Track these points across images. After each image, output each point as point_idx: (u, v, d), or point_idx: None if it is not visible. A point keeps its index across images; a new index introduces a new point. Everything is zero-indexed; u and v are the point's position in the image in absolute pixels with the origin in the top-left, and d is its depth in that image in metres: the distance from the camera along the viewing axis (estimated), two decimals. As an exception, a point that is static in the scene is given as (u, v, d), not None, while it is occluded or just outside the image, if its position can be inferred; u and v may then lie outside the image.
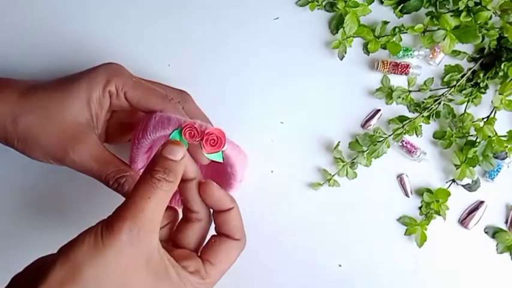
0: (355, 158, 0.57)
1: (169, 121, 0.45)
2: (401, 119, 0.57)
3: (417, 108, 0.57)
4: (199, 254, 0.43)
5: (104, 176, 0.46)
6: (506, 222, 0.57)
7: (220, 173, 0.54)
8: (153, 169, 0.38)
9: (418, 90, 0.57)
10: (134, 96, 0.47)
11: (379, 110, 0.59)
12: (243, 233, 0.44)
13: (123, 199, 0.39)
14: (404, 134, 0.56)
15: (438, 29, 0.54)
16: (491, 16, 0.53)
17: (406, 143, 0.57)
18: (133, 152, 0.49)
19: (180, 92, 0.52)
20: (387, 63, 0.58)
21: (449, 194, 0.56)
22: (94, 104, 0.46)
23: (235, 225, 0.44)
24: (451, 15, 0.53)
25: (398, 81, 0.58)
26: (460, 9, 0.53)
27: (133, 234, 0.35)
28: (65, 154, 0.46)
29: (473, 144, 0.55)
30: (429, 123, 0.57)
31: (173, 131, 0.44)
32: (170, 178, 0.38)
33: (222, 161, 0.46)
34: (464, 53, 0.57)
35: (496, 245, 0.57)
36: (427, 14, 0.56)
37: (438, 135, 0.57)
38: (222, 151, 0.45)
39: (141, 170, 0.51)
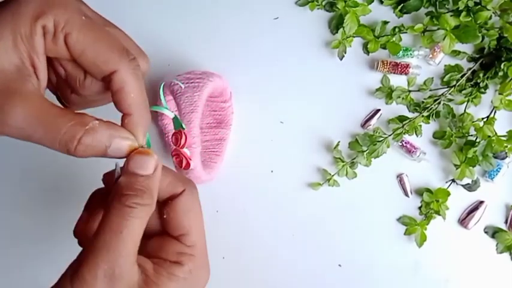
0: (355, 158, 0.58)
1: None
2: (401, 118, 0.57)
3: (417, 108, 0.57)
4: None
5: (57, 138, 0.31)
6: (506, 222, 0.57)
7: None
8: (123, 193, 0.31)
9: (418, 90, 0.57)
10: (79, 43, 0.32)
11: (379, 110, 0.59)
12: (183, 181, 0.36)
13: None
14: (404, 133, 0.56)
15: (438, 29, 0.54)
16: (491, 16, 0.53)
17: (406, 143, 0.57)
18: None
19: (143, 54, 0.38)
20: (387, 63, 0.58)
21: (449, 194, 0.56)
22: (24, 43, 0.32)
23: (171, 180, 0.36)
24: (451, 15, 0.53)
25: (398, 81, 0.58)
26: (460, 9, 0.53)
27: (109, 278, 0.30)
28: None
29: (473, 144, 0.55)
30: (429, 123, 0.57)
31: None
32: (145, 200, 0.31)
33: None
34: (464, 53, 0.57)
35: (496, 245, 0.57)
36: (427, 14, 0.56)
37: (438, 135, 0.57)
38: None
39: None
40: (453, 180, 0.57)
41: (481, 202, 0.57)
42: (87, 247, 0.31)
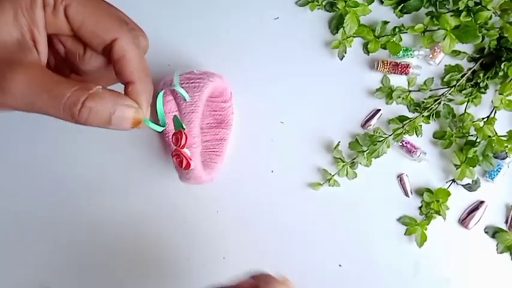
0: (355, 158, 0.57)
1: None
2: (401, 119, 0.57)
3: (417, 108, 0.57)
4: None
5: (62, 103, 0.30)
6: (506, 222, 0.57)
7: None
8: None
9: (418, 90, 0.57)
10: (79, 14, 0.32)
11: (379, 110, 0.59)
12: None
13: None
14: (404, 134, 0.56)
15: (438, 29, 0.54)
16: (491, 16, 0.53)
17: (406, 143, 0.57)
18: None
19: (141, 30, 0.37)
20: (387, 63, 0.58)
21: (449, 194, 0.56)
22: (24, 16, 0.32)
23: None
24: (451, 15, 0.53)
25: (398, 81, 0.58)
26: (460, 9, 0.53)
27: None
28: None
29: (473, 144, 0.55)
30: (429, 123, 0.57)
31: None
32: None
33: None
34: (464, 53, 0.57)
35: (496, 245, 0.57)
36: (427, 14, 0.56)
37: (438, 135, 0.57)
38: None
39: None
40: (453, 180, 0.57)
41: (481, 202, 0.57)
42: None
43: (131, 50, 0.33)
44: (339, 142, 0.58)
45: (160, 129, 0.34)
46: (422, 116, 0.57)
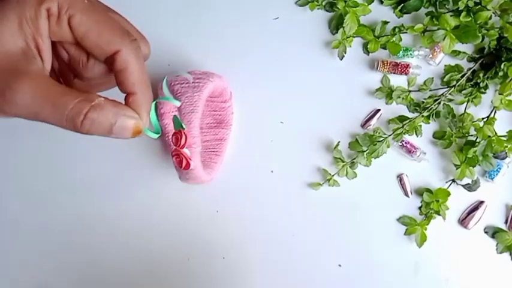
0: (355, 158, 0.57)
1: None
2: (401, 119, 0.57)
3: (417, 108, 0.57)
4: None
5: (64, 114, 0.32)
6: (506, 222, 0.57)
7: None
8: None
9: (418, 90, 0.57)
10: (82, 24, 0.33)
11: (379, 110, 0.59)
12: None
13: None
14: (404, 134, 0.56)
15: (438, 29, 0.54)
16: (491, 16, 0.53)
17: (406, 143, 0.57)
18: None
19: (144, 38, 0.38)
20: (387, 63, 0.58)
21: (449, 194, 0.56)
22: (29, 25, 0.33)
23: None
24: (451, 15, 0.53)
25: (398, 81, 0.58)
26: (460, 9, 0.53)
27: None
28: (1, 98, 0.32)
29: (473, 144, 0.55)
30: (429, 123, 0.57)
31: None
32: None
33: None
34: (464, 53, 0.57)
35: (496, 245, 0.57)
36: (427, 14, 0.56)
37: (438, 135, 0.57)
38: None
39: None
40: (453, 180, 0.57)
41: (481, 202, 0.57)
42: None
43: (133, 62, 0.33)
44: (339, 142, 0.58)
45: (155, 136, 0.35)
46: (422, 116, 0.57)
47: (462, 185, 0.57)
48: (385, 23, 0.58)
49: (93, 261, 0.61)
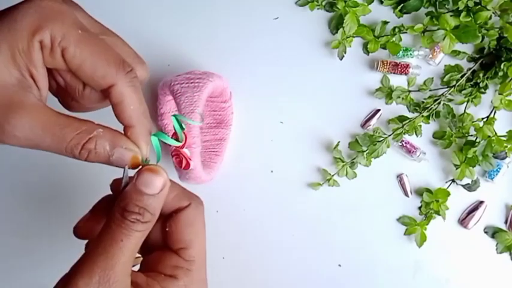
0: (354, 158, 0.58)
1: None
2: (401, 119, 0.57)
3: (417, 108, 0.57)
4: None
5: (64, 146, 0.32)
6: (505, 222, 0.57)
7: None
8: (125, 209, 0.32)
9: (418, 90, 0.57)
10: (76, 57, 0.32)
11: (378, 110, 0.59)
12: (189, 196, 0.37)
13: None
14: (404, 134, 0.56)
15: (438, 29, 0.54)
16: (491, 16, 0.53)
17: (405, 143, 0.57)
18: None
19: (141, 61, 0.37)
20: (387, 63, 0.58)
21: (449, 194, 0.56)
22: (22, 57, 0.32)
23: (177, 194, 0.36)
24: (451, 15, 0.53)
25: (398, 81, 0.58)
26: (459, 9, 0.53)
27: (103, 286, 0.30)
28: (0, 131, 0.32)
29: (473, 144, 0.55)
30: (429, 123, 0.57)
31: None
32: (146, 218, 0.32)
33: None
34: (464, 53, 0.57)
35: (496, 245, 0.57)
36: (426, 14, 0.56)
37: (438, 135, 0.57)
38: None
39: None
40: (453, 180, 0.57)
41: (481, 202, 0.57)
42: (85, 252, 0.31)
43: (129, 95, 0.33)
44: (339, 142, 0.58)
45: (154, 163, 0.35)
46: (422, 116, 0.57)
47: (462, 185, 0.57)
48: (385, 23, 0.58)
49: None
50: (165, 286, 0.34)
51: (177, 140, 0.37)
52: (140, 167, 0.33)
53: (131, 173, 0.34)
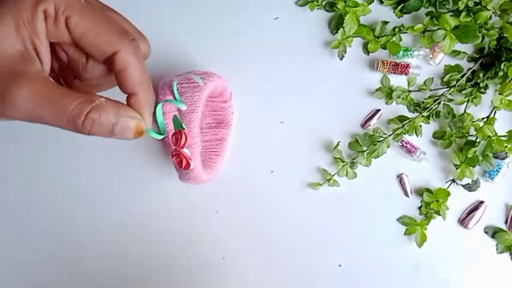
0: (355, 158, 0.58)
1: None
2: (401, 119, 0.57)
3: (417, 108, 0.57)
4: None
5: (66, 115, 0.31)
6: (506, 222, 0.57)
7: None
8: None
9: (418, 90, 0.57)
10: (80, 25, 0.33)
11: (379, 110, 0.59)
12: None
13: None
14: (404, 134, 0.56)
15: (438, 29, 0.54)
16: (491, 16, 0.53)
17: (406, 143, 0.57)
18: None
19: (143, 37, 0.38)
20: (387, 63, 0.58)
21: (449, 194, 0.56)
22: (26, 27, 0.32)
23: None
24: (451, 15, 0.53)
25: (398, 81, 0.58)
26: (460, 9, 0.53)
27: None
28: (1, 102, 0.32)
29: (473, 144, 0.55)
30: (429, 123, 0.57)
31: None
32: None
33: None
34: (464, 53, 0.57)
35: (496, 245, 0.57)
36: (427, 14, 0.56)
37: (438, 135, 0.57)
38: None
39: None
40: (453, 180, 0.57)
41: (481, 202, 0.57)
42: None
43: (132, 62, 0.33)
44: (339, 142, 0.58)
45: (160, 137, 0.35)
46: (422, 116, 0.57)
47: (462, 185, 0.57)
48: (385, 23, 0.58)
49: (92, 261, 0.61)
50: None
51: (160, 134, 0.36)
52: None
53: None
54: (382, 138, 0.57)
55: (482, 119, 0.55)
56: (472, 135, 0.55)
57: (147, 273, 0.60)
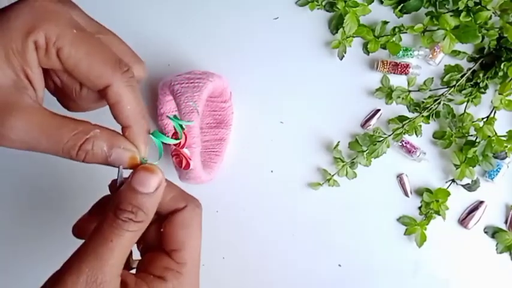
0: (354, 158, 0.58)
1: None
2: (401, 119, 0.57)
3: (417, 108, 0.57)
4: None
5: (61, 147, 0.32)
6: (505, 222, 0.57)
7: None
8: (118, 207, 0.31)
9: (418, 90, 0.57)
10: (71, 57, 0.31)
11: (379, 110, 0.59)
12: (187, 197, 0.37)
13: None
14: (404, 134, 0.56)
15: (438, 29, 0.54)
16: (491, 16, 0.53)
17: (405, 143, 0.57)
18: None
19: (138, 60, 0.37)
20: (387, 63, 0.58)
21: (449, 194, 0.56)
22: (16, 57, 0.31)
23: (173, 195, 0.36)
24: (451, 15, 0.53)
25: (398, 81, 0.58)
26: (459, 9, 0.53)
27: (90, 286, 0.30)
28: None
29: (473, 144, 0.55)
30: (429, 123, 0.57)
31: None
32: (139, 218, 0.31)
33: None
34: (464, 53, 0.57)
35: (496, 245, 0.57)
36: (427, 14, 0.56)
37: (438, 135, 0.57)
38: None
39: None
40: (453, 180, 0.57)
41: (481, 202, 0.57)
42: (76, 250, 0.31)
43: (126, 94, 0.33)
44: (339, 142, 0.58)
45: (155, 162, 0.35)
46: (422, 116, 0.57)
47: (462, 185, 0.57)
48: (385, 23, 0.58)
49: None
50: (153, 287, 0.33)
51: (176, 139, 0.37)
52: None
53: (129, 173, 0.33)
54: (382, 138, 0.57)
55: (482, 119, 0.55)
56: (472, 135, 0.55)
57: (147, 273, 0.60)
